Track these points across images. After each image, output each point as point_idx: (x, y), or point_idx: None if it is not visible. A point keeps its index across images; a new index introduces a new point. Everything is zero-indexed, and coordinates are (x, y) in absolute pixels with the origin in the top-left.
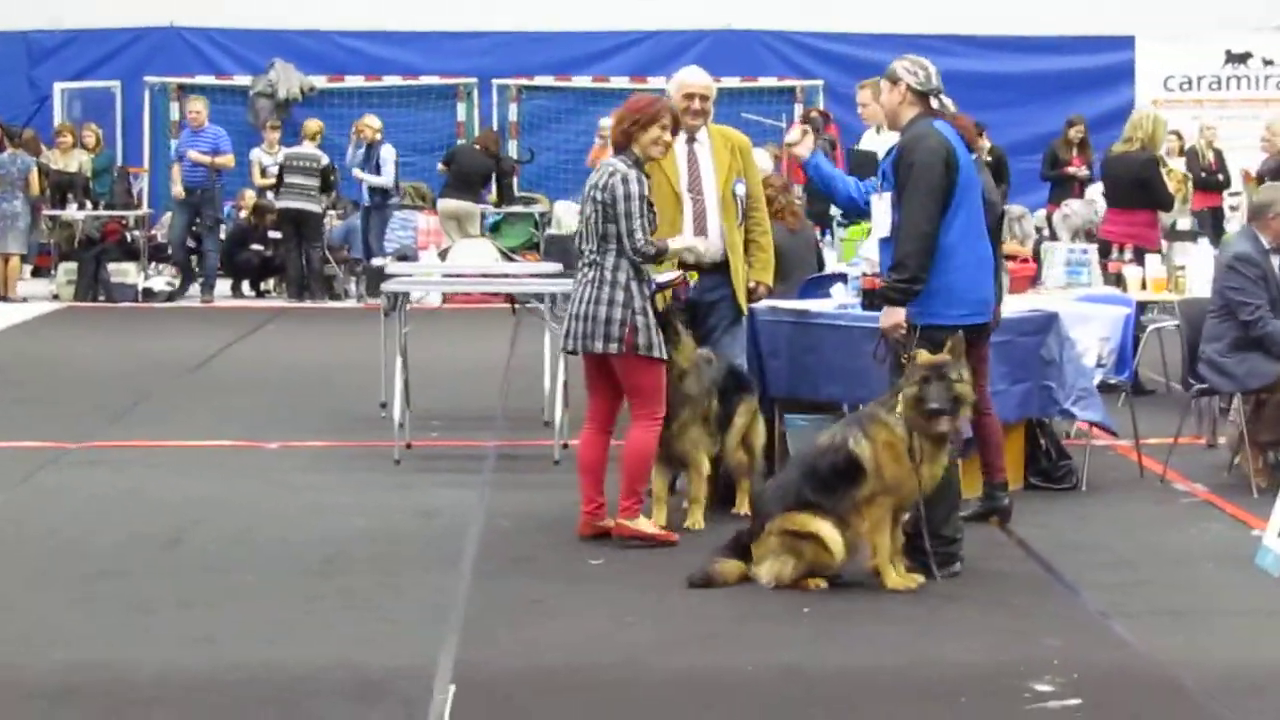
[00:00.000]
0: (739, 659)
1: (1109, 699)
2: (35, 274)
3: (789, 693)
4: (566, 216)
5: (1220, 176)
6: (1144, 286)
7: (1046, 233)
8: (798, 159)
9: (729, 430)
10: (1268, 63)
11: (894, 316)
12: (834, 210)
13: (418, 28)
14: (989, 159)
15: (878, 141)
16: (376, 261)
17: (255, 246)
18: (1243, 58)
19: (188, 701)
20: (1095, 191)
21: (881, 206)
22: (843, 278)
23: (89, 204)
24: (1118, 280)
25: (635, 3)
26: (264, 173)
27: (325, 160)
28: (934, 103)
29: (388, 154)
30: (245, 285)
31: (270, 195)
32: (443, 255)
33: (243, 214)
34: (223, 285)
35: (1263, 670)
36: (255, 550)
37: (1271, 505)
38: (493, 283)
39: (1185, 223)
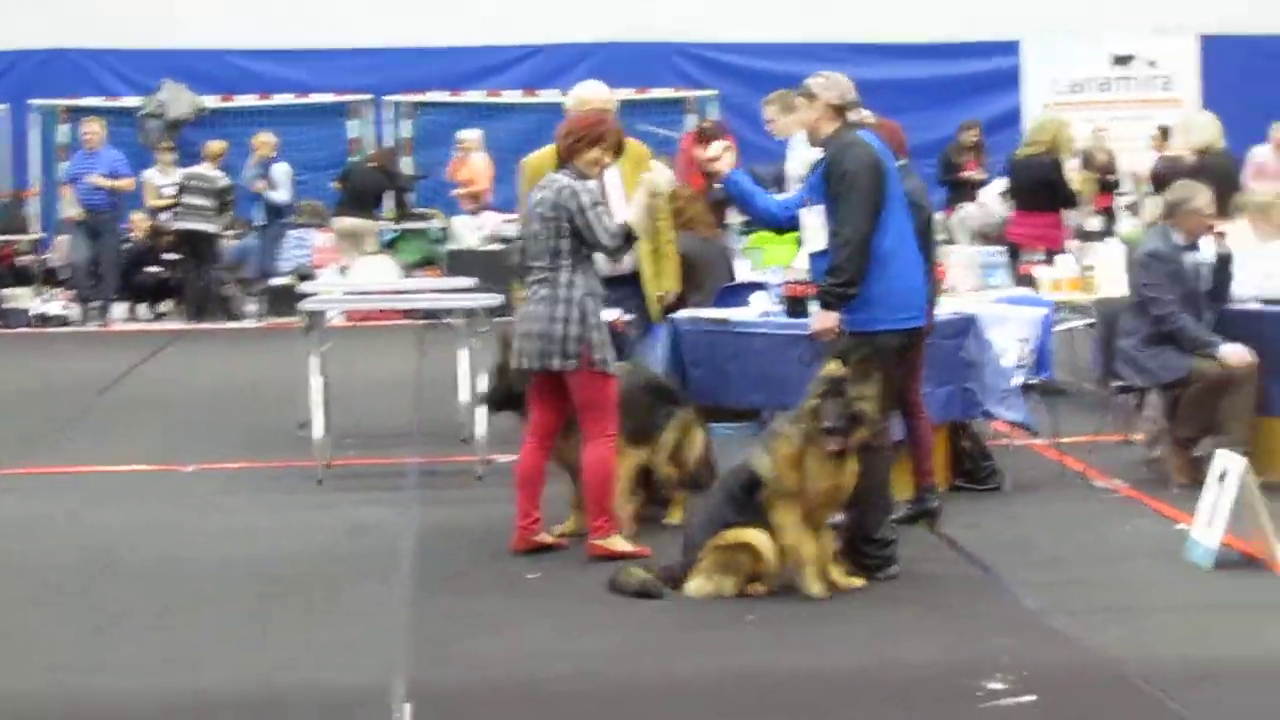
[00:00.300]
0: (694, 666)
1: (1062, 695)
2: None
3: (749, 697)
4: (464, 231)
5: (1112, 177)
6: (1055, 287)
7: (943, 236)
8: (718, 175)
9: (657, 444)
10: (1151, 64)
11: (827, 320)
12: (731, 219)
13: (308, 45)
14: None
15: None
16: (276, 281)
17: (152, 268)
18: (1127, 60)
19: None
20: (989, 194)
21: (812, 219)
22: (756, 286)
23: None
24: (1029, 281)
25: (527, 17)
26: (159, 194)
27: (224, 181)
28: (851, 115)
29: (282, 170)
30: (142, 307)
31: (165, 216)
32: (343, 273)
33: (135, 235)
34: (119, 307)
35: (1209, 662)
36: (193, 573)
37: (1193, 500)
38: (416, 298)
39: (1094, 223)
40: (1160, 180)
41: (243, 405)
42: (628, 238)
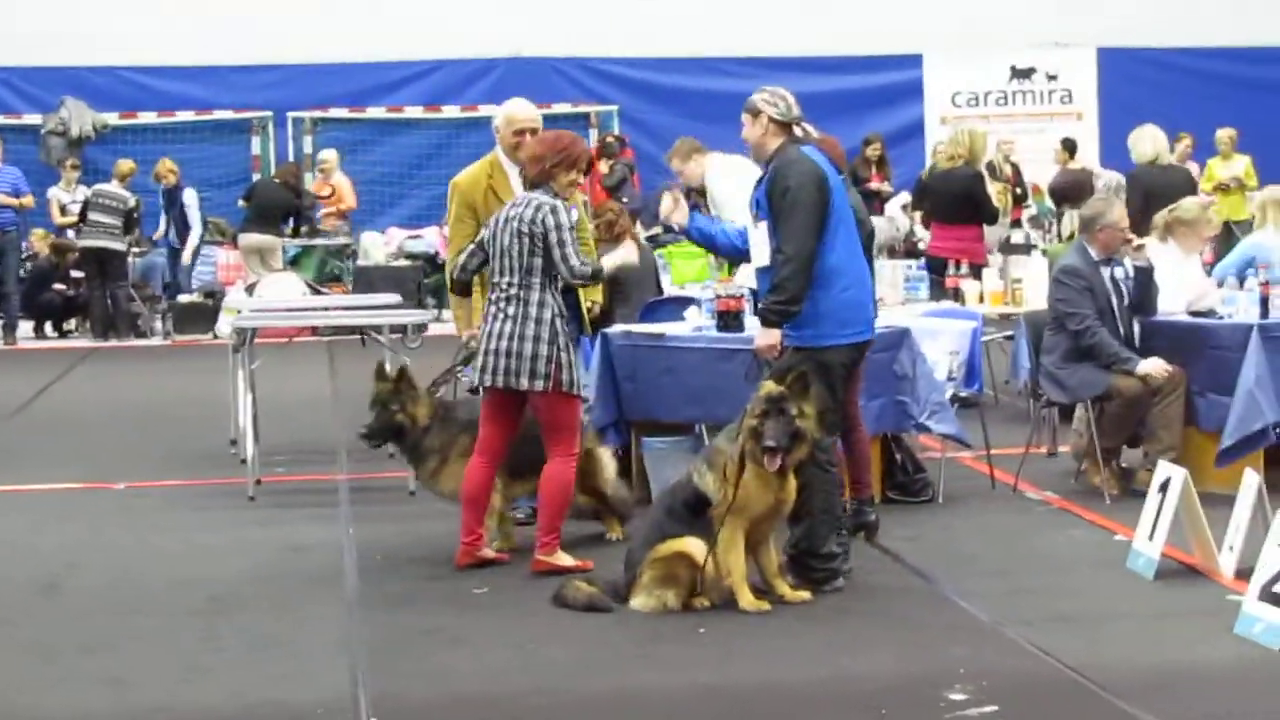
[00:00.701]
0: (654, 680)
1: (1024, 705)
2: None
3: (718, 710)
4: (373, 248)
5: (1018, 190)
6: (981, 300)
7: None
8: (679, 227)
9: None
10: (1051, 77)
11: (770, 337)
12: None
13: (209, 62)
14: None
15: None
16: (182, 298)
17: (57, 286)
18: (1027, 73)
19: None
20: (893, 207)
21: (758, 236)
22: (679, 300)
23: None
24: (955, 294)
25: (426, 33)
26: (64, 211)
27: (133, 201)
28: (797, 130)
29: (191, 199)
30: (48, 326)
31: (71, 234)
32: (249, 289)
33: (38, 252)
34: (23, 326)
35: (1165, 670)
36: (138, 592)
37: (1125, 510)
38: (347, 315)
39: (1018, 235)
40: (1061, 194)
41: (164, 423)
42: (594, 277)
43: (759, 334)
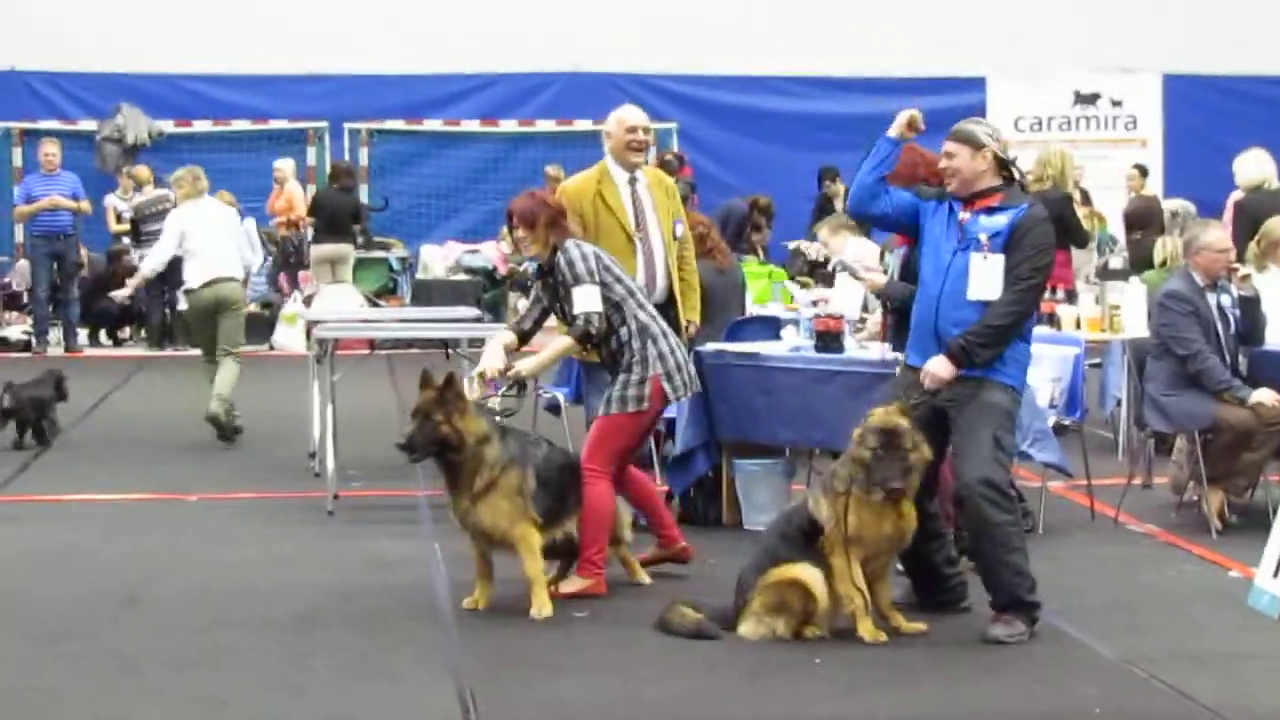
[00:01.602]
0: (780, 713)
1: None
2: None
3: None
4: (432, 261)
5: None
6: (1077, 325)
7: None
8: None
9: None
10: (1115, 103)
11: (950, 371)
12: None
13: (266, 71)
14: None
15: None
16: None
17: (114, 294)
18: (1091, 98)
19: None
20: None
21: (990, 269)
22: (765, 319)
23: None
24: (1050, 320)
25: (485, 46)
26: (119, 219)
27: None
28: (1012, 171)
29: (251, 228)
30: (102, 334)
31: (128, 241)
32: (307, 301)
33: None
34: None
35: None
36: (223, 607)
37: (1233, 545)
38: (429, 328)
39: (1117, 261)
40: (1133, 221)
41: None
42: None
43: (943, 365)
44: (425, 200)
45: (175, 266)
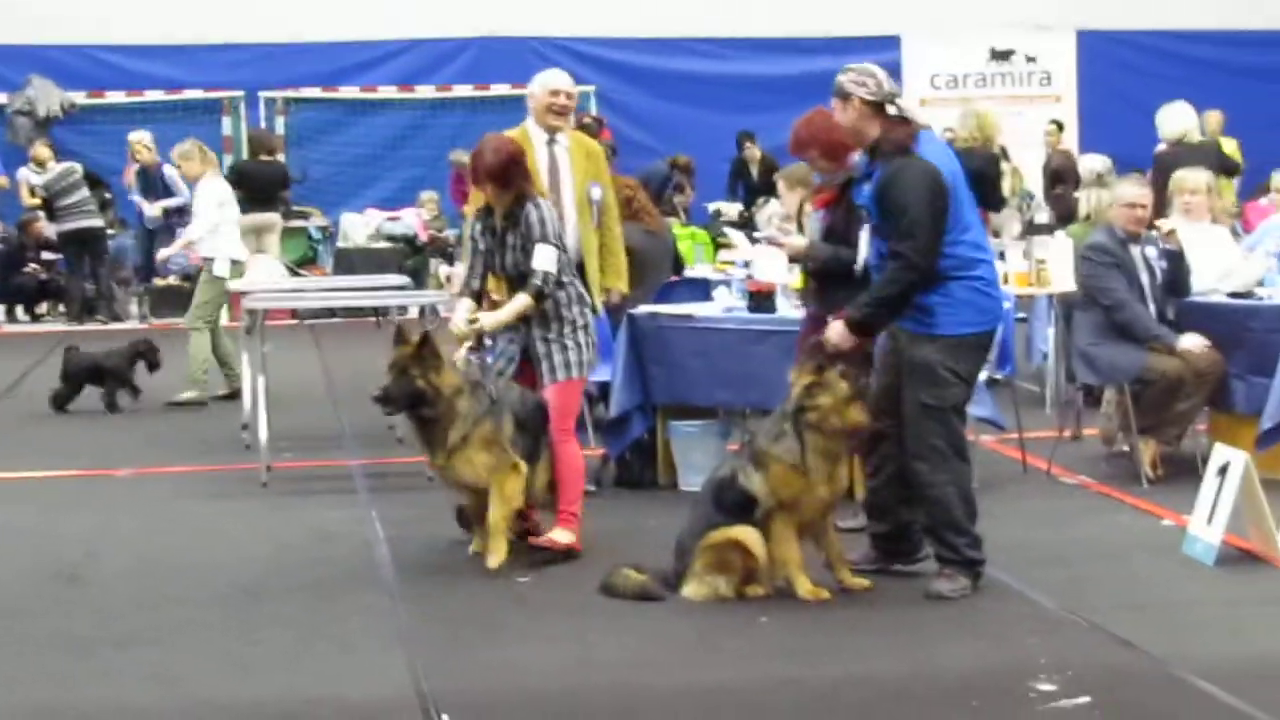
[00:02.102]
0: (734, 674)
1: (1117, 695)
2: None
3: (805, 704)
4: (353, 229)
5: None
6: (1005, 281)
7: None
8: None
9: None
10: (1030, 60)
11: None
12: None
13: (180, 40)
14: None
15: None
16: (159, 281)
17: (31, 268)
18: (1006, 55)
19: None
20: None
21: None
22: (695, 282)
23: None
24: None
25: (400, 11)
26: (33, 192)
27: (79, 168)
28: (890, 109)
29: (173, 173)
30: (19, 309)
31: (43, 216)
32: None
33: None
34: None
35: (1257, 659)
36: (165, 582)
37: (1165, 494)
38: (362, 296)
39: (1042, 216)
40: (1057, 175)
41: (154, 408)
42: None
43: (839, 332)
44: (344, 168)
45: (98, 237)
